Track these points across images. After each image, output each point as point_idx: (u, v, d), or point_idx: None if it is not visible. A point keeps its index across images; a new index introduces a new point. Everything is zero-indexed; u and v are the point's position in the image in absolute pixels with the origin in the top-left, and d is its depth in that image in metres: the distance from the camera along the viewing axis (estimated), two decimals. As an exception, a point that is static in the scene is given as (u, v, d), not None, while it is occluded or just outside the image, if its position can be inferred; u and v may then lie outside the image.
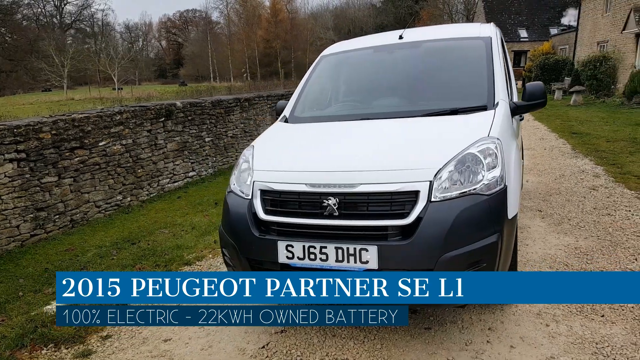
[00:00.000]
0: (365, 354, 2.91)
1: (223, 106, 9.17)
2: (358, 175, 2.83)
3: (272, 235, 2.97)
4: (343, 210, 2.80)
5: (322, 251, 2.79)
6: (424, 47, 4.27)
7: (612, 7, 20.74)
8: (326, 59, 4.58)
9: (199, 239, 5.52)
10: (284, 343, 3.12)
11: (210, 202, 7.20)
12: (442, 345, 2.94)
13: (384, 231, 2.72)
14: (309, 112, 4.13)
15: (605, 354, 2.75)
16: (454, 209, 2.66)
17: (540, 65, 23.87)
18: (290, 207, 2.97)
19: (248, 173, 3.28)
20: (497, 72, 3.75)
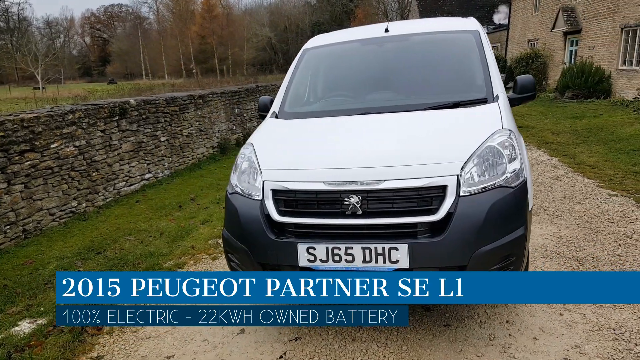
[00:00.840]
0: (393, 357, 2.80)
1: (177, 104, 8.73)
2: (382, 171, 2.71)
3: (289, 237, 2.78)
4: (367, 209, 2.67)
5: (348, 252, 2.64)
6: (413, 40, 4.21)
7: (541, 6, 21.99)
8: (310, 53, 4.42)
9: (171, 245, 5.18)
10: (303, 351, 2.94)
11: (174, 206, 6.82)
12: (467, 342, 2.90)
13: (413, 228, 2.62)
14: (302, 107, 3.95)
15: (625, 339, 2.81)
16: (484, 203, 2.61)
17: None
18: (307, 207, 2.80)
19: (253, 173, 3.06)
20: (492, 65, 3.75)
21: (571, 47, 19.89)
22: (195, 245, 5.01)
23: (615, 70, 16.07)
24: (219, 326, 3.34)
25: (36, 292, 4.24)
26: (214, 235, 5.31)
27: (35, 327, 3.62)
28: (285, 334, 3.16)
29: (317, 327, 3.19)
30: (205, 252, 4.84)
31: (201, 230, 5.54)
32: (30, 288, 4.31)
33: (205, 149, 9.79)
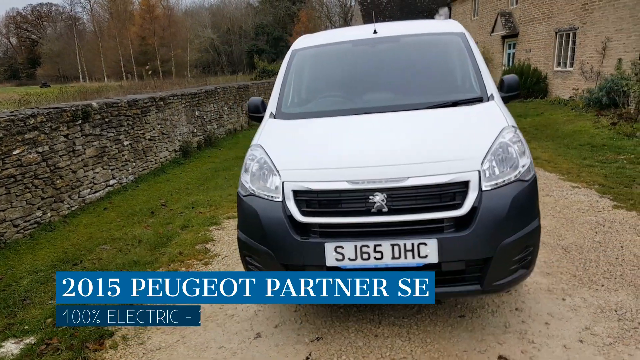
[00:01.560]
0: (420, 350, 2.87)
1: (139, 106, 8.42)
2: (406, 168, 2.77)
3: (315, 237, 2.78)
4: (392, 206, 2.72)
5: (377, 249, 2.68)
6: (403, 41, 4.31)
7: (480, 11, 23.04)
8: (301, 54, 4.41)
9: (154, 252, 5.00)
10: (328, 351, 2.95)
11: (145, 212, 6.57)
12: (485, 331, 3.01)
13: (439, 224, 2.69)
14: (302, 108, 3.95)
15: (628, 318, 3.03)
16: (507, 196, 2.73)
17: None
18: (330, 206, 2.81)
19: (268, 174, 3.03)
20: (482, 66, 3.92)
21: (509, 50, 20.98)
22: (182, 252, 4.87)
23: (551, 72, 17.11)
24: (232, 331, 3.29)
25: (14, 309, 3.97)
26: (199, 240, 5.18)
27: (24, 346, 3.40)
28: (304, 335, 3.15)
29: (336, 326, 3.20)
30: (194, 257, 4.72)
31: (184, 236, 5.38)
32: (7, 306, 4.02)
33: (167, 152, 9.50)
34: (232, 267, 4.41)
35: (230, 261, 4.57)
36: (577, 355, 2.72)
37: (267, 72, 21.08)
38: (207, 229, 5.55)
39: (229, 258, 4.65)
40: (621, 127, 9.33)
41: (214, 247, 4.99)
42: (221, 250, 4.86)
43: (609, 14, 13.23)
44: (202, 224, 5.74)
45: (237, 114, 13.97)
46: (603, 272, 3.67)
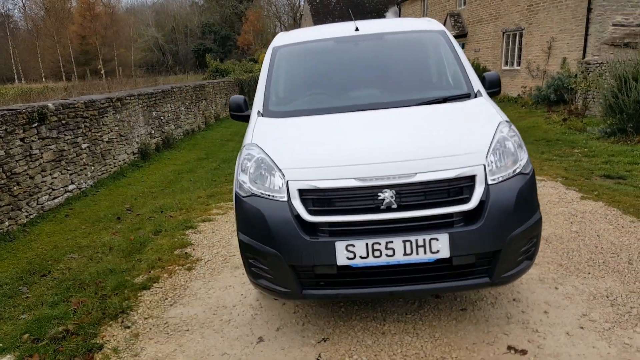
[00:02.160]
0: (430, 345, 2.87)
1: (96, 107, 8.02)
2: (414, 164, 2.76)
3: (325, 236, 2.73)
4: (400, 202, 2.71)
5: (388, 246, 2.66)
6: (387, 39, 4.33)
7: (429, 12, 23.66)
8: (283, 51, 4.33)
9: (129, 259, 4.77)
10: (338, 351, 2.90)
11: (110, 218, 6.27)
12: (489, 323, 3.06)
13: (450, 218, 2.71)
14: (291, 106, 3.87)
15: (620, 303, 3.17)
16: (512, 190, 2.78)
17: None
18: (338, 205, 2.77)
19: (268, 173, 2.95)
20: (466, 63, 4.00)
21: (458, 49, 21.64)
22: (161, 257, 4.66)
23: (499, 70, 17.81)
24: (232, 337, 3.18)
25: (-18, 326, 3.66)
26: (177, 245, 4.98)
27: (1, 365, 3.14)
28: (309, 337, 3.09)
29: (340, 326, 3.16)
30: (175, 263, 4.53)
31: (159, 242, 5.16)
32: (-27, 323, 3.71)
33: (126, 155, 9.11)
34: (218, 272, 4.27)
35: (214, 265, 4.43)
36: (581, 341, 2.81)
37: (220, 71, 20.65)
38: (183, 233, 5.35)
39: (212, 262, 4.50)
40: (572, 122, 9.83)
41: (194, 251, 4.81)
42: (202, 255, 4.70)
43: (553, 15, 13.93)
44: (177, 228, 5.53)
45: (194, 114, 13.62)
46: (587, 261, 3.83)
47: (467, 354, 2.77)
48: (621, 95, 8.10)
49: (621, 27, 12.55)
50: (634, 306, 3.14)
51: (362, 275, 2.75)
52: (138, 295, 3.93)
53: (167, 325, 3.45)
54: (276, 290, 2.87)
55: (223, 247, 4.85)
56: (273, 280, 2.85)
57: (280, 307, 3.52)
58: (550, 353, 2.72)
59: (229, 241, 5.01)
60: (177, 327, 3.40)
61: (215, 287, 3.98)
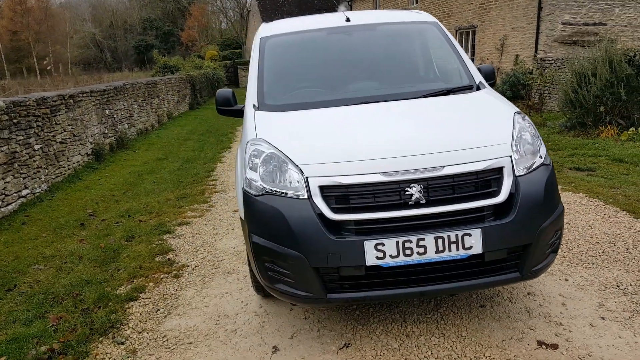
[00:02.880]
0: (459, 345, 2.77)
1: (48, 105, 7.40)
2: (441, 156, 2.64)
3: (351, 236, 2.55)
4: (428, 197, 2.58)
5: (420, 244, 2.52)
6: (380, 30, 4.20)
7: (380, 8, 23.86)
8: (272, 41, 4.10)
9: (104, 268, 4.37)
10: (364, 357, 2.73)
11: (73, 224, 5.77)
12: (512, 318, 3.00)
13: (480, 213, 2.61)
14: (290, 99, 3.64)
15: (632, 291, 3.21)
16: (539, 181, 2.72)
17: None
18: (363, 201, 2.60)
19: (283, 170, 2.73)
20: (463, 54, 3.94)
21: (409, 47, 21.98)
22: (142, 265, 4.31)
23: (451, 68, 18.22)
24: (244, 348, 2.94)
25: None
26: (157, 251, 4.63)
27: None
28: (328, 343, 2.90)
29: (359, 330, 2.99)
30: (160, 271, 4.19)
31: (135, 248, 4.78)
32: None
33: (80, 156, 8.49)
34: (209, 278, 3.99)
35: (203, 271, 4.13)
36: (606, 332, 2.80)
37: (168, 67, 19.86)
38: (160, 239, 4.99)
39: (200, 268, 4.20)
40: (532, 117, 10.14)
41: (178, 257, 4.49)
42: (188, 261, 4.39)
43: (505, 13, 14.38)
44: (152, 234, 5.16)
45: (147, 113, 12.99)
46: (587, 251, 3.87)
47: (500, 352, 2.68)
48: (581, 91, 8.43)
49: (570, 26, 13.14)
50: (627, 292, 3.17)
51: (391, 275, 2.59)
52: (125, 308, 3.59)
53: (166, 338, 3.15)
54: (297, 295, 2.66)
55: (208, 252, 4.55)
56: (294, 284, 2.64)
57: (288, 312, 3.30)
58: (580, 346, 2.68)
59: (213, 245, 4.71)
60: (178, 340, 3.12)
61: (210, 295, 3.70)
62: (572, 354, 2.61)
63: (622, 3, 14.88)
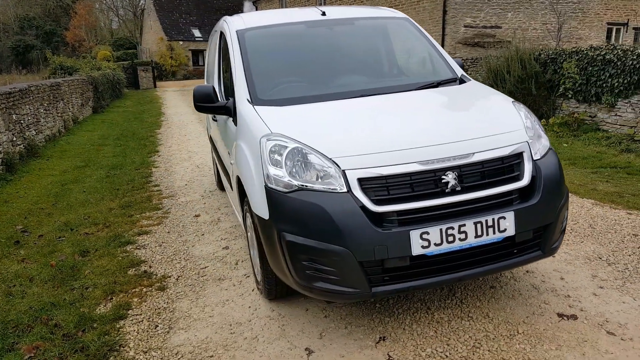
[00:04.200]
0: (491, 325, 2.87)
1: (-49, 110, 6.44)
2: (470, 143, 2.74)
3: (396, 226, 2.54)
4: (462, 183, 2.65)
5: (461, 230, 2.59)
6: (359, 24, 4.24)
7: (287, 11, 23.91)
8: (252, 34, 3.95)
9: (66, 288, 3.91)
10: (406, 347, 2.73)
11: (5, 243, 5.09)
12: (524, 295, 3.18)
13: (509, 196, 2.73)
14: (284, 93, 3.52)
15: (614, 261, 3.56)
16: (554, 164, 2.92)
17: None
18: (402, 191, 2.60)
19: (313, 164, 2.65)
20: (440, 48, 4.11)
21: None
22: (117, 280, 3.91)
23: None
24: (274, 354, 2.79)
25: None
26: (125, 264, 4.24)
27: None
28: (362, 339, 2.85)
29: (390, 322, 2.98)
30: (139, 284, 3.84)
31: (97, 263, 4.33)
32: None
33: (-11, 168, 7.50)
34: (200, 287, 3.74)
35: (190, 281, 3.86)
36: (610, 299, 3.08)
37: (65, 68, 18.21)
38: (124, 250, 4.57)
39: (185, 278, 3.91)
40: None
41: (153, 268, 4.14)
42: (167, 271, 4.06)
43: (412, 16, 15.16)
44: (109, 246, 4.71)
45: (54, 117, 11.81)
46: (558, 229, 4.21)
47: (530, 327, 2.83)
48: (497, 87, 9.15)
49: (471, 28, 14.21)
50: (626, 262, 3.54)
51: (432, 263, 2.62)
52: (117, 328, 3.23)
53: (180, 355, 2.90)
54: (341, 292, 2.59)
55: (186, 261, 4.25)
56: (338, 281, 2.57)
57: (305, 313, 3.20)
58: (595, 314, 2.92)
59: (187, 253, 4.42)
60: (195, 355, 2.88)
61: (209, 304, 3.46)
62: (592, 322, 2.83)
63: (513, 8, 16.44)
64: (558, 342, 2.67)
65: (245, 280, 3.76)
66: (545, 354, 2.58)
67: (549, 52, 9.97)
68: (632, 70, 8.25)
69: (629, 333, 2.70)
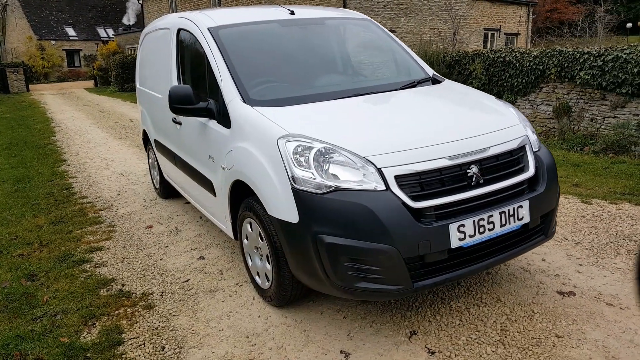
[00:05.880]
0: (507, 309, 3.06)
1: None
2: (485, 138, 2.91)
3: (436, 221, 2.62)
4: (484, 176, 2.81)
5: (490, 220, 2.75)
6: (330, 24, 4.26)
7: (179, 10, 22.97)
8: (226, 32, 3.79)
9: (25, 319, 3.43)
10: (441, 339, 2.81)
11: None
12: (519, 278, 3.43)
13: (521, 186, 2.95)
14: (275, 94, 3.43)
15: (577, 241, 3.97)
16: (549, 155, 3.22)
17: (119, 64, 23.76)
18: (435, 186, 2.69)
19: (342, 162, 2.63)
20: (407, 48, 4.29)
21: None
22: (94, 303, 3.50)
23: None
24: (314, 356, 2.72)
25: None
26: (92, 285, 3.79)
27: None
28: (392, 335, 2.88)
29: (411, 317, 3.04)
30: (121, 305, 3.48)
31: (55, 287, 3.83)
32: None
33: None
34: (193, 301, 3.48)
35: (177, 296, 3.57)
36: (592, 274, 3.44)
37: None
38: (82, 270, 4.09)
39: (170, 293, 3.61)
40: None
41: (127, 287, 3.76)
42: (145, 288, 3.72)
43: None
44: (61, 267, 4.18)
45: None
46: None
47: (540, 307, 3.06)
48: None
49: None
50: (589, 241, 3.98)
51: (465, 254, 2.73)
52: (118, 355, 2.90)
53: (206, 376, 2.68)
54: (385, 290, 2.59)
55: (160, 275, 3.93)
56: (383, 279, 2.57)
57: (321, 316, 3.14)
58: (588, 289, 3.25)
59: (159, 267, 4.08)
60: (223, 374, 2.68)
61: (212, 317, 3.24)
62: (589, 296, 3.16)
63: (405, 14, 17.55)
64: (571, 317, 2.93)
65: (240, 290, 3.58)
66: (566, 329, 2.82)
67: (453, 54, 10.80)
68: (529, 70, 9.26)
69: (624, 302, 3.05)
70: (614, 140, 7.40)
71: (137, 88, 6.01)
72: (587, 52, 8.23)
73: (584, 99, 8.52)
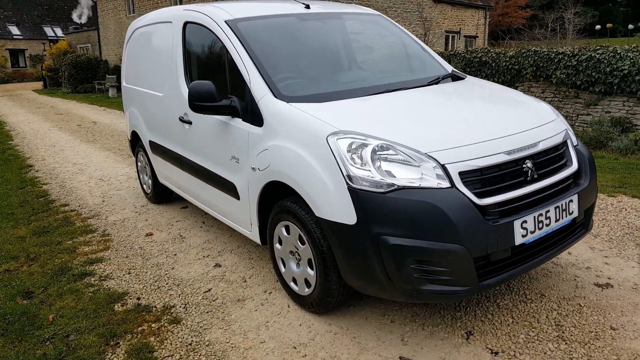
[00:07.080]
0: (553, 304, 3.04)
1: None
2: (534, 133, 2.88)
3: (499, 218, 2.55)
4: (537, 171, 2.78)
5: (547, 215, 2.73)
6: (346, 19, 4.15)
7: (137, 8, 22.13)
8: (246, 26, 3.61)
9: (30, 339, 3.13)
10: (499, 338, 2.74)
11: None
12: (553, 272, 3.43)
13: (569, 181, 2.94)
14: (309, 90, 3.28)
15: (594, 234, 4.02)
16: (587, 149, 3.23)
17: (72, 64, 22.63)
18: (496, 182, 2.63)
19: (402, 160, 2.54)
20: (422, 43, 4.25)
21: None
22: (109, 321, 3.21)
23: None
24: None
25: None
26: (103, 300, 3.50)
27: None
28: (447, 338, 2.79)
29: (461, 317, 2.97)
30: (143, 320, 3.21)
31: (59, 304, 3.50)
32: None
33: None
34: (222, 312, 3.26)
35: (202, 308, 3.34)
36: (621, 265, 3.49)
37: None
38: (87, 284, 3.77)
39: (193, 305, 3.38)
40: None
41: (143, 300, 3.49)
42: (165, 301, 3.46)
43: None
44: (60, 282, 3.85)
45: None
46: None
47: (584, 300, 3.07)
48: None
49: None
50: (606, 233, 4.06)
51: (525, 250, 2.69)
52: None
53: (262, 392, 2.49)
54: (452, 292, 2.50)
55: (177, 286, 3.68)
56: (451, 281, 2.47)
57: (366, 321, 3.02)
58: (623, 279, 3.29)
59: (173, 277, 3.82)
60: (280, 388, 2.51)
61: (248, 328, 3.05)
62: (627, 287, 3.19)
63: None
64: (618, 309, 2.95)
65: (270, 298, 3.39)
66: (617, 320, 2.83)
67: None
68: (505, 70, 9.48)
69: (661, 292, 3.11)
70: (592, 137, 7.67)
71: (125, 87, 5.66)
72: (562, 52, 8.51)
73: (559, 97, 8.81)
